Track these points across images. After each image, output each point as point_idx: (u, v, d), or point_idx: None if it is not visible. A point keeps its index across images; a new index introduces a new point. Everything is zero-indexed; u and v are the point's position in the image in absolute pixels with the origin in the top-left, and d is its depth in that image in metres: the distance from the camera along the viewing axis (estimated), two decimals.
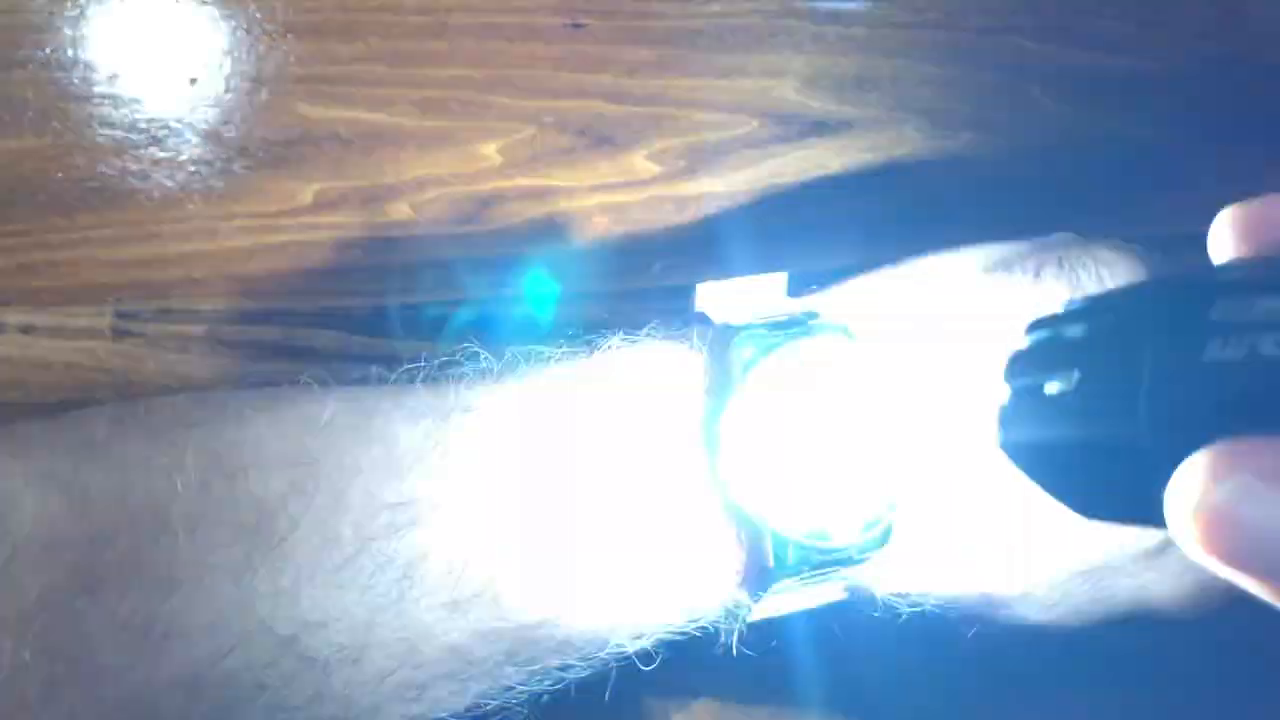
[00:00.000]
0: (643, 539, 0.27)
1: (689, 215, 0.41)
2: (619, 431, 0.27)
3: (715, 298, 0.30)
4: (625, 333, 0.29)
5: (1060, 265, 0.30)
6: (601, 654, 0.28)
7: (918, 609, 0.31)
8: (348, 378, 0.28)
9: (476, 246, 0.40)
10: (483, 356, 0.29)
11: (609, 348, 0.29)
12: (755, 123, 0.41)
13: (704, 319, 0.30)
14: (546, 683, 0.28)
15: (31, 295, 0.37)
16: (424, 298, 0.39)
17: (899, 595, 0.30)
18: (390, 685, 0.25)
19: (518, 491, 0.26)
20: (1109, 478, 0.18)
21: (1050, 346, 0.19)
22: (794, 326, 0.28)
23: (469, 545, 0.25)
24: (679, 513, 0.27)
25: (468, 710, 0.28)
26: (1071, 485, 0.19)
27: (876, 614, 0.31)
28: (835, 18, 0.42)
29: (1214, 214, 0.30)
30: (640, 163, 0.41)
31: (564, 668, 0.28)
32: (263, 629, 0.24)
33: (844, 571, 0.28)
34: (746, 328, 0.28)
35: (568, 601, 0.26)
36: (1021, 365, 0.20)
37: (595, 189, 0.40)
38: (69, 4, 0.38)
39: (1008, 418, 0.20)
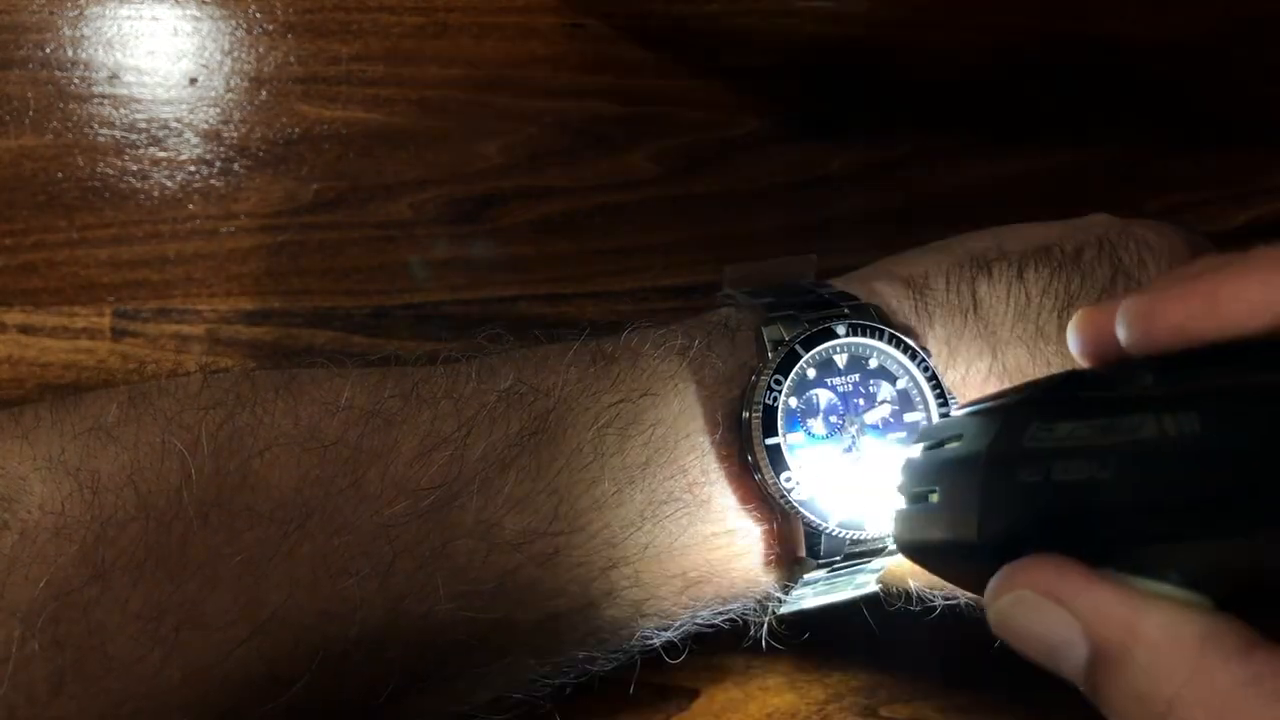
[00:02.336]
0: (671, 527, 0.26)
1: (689, 215, 0.41)
2: (648, 416, 0.26)
3: (744, 278, 0.29)
4: (648, 322, 0.29)
5: (1100, 246, 0.30)
6: (628, 646, 0.27)
7: (952, 602, 0.30)
8: (365, 363, 0.27)
9: (476, 246, 0.40)
10: (505, 339, 0.28)
11: (634, 329, 0.28)
12: (755, 123, 0.41)
13: (733, 300, 0.29)
14: (571, 675, 0.27)
15: (31, 295, 0.37)
16: (424, 298, 0.39)
17: (933, 588, 0.30)
18: (410, 676, 0.25)
19: (545, 477, 0.25)
20: (965, 572, 0.21)
21: (929, 461, 0.23)
22: (826, 307, 0.28)
23: (492, 533, 0.24)
24: (708, 501, 0.26)
25: (490, 702, 0.27)
26: (944, 573, 0.23)
27: (912, 607, 0.30)
28: (835, 18, 0.42)
29: (1214, 215, 0.30)
30: (640, 163, 0.41)
31: (589, 660, 0.27)
32: (277, 620, 0.23)
33: (876, 562, 0.27)
34: (778, 309, 0.27)
35: (595, 592, 0.25)
36: (906, 476, 0.23)
37: (595, 189, 0.40)
38: (69, 4, 0.38)
39: (897, 520, 0.23)
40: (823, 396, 0.27)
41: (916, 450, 0.23)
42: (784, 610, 0.29)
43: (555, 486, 0.25)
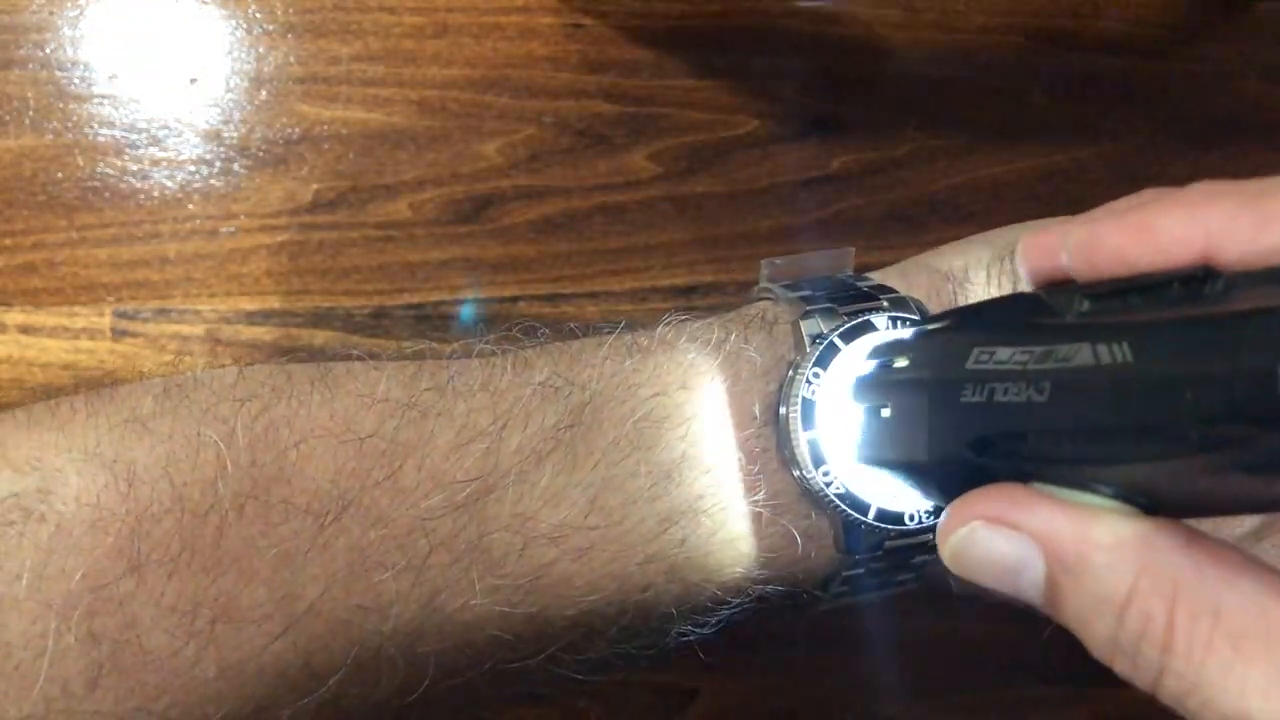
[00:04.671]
0: (708, 523, 0.25)
1: (689, 215, 0.41)
2: (684, 410, 0.26)
3: (781, 272, 0.29)
4: (684, 314, 0.28)
5: None
6: (663, 642, 0.27)
7: (982, 603, 0.30)
8: (400, 356, 0.27)
9: (476, 246, 0.40)
10: (540, 331, 0.28)
11: (669, 322, 0.28)
12: (755, 123, 0.41)
13: (770, 294, 0.29)
14: (605, 670, 0.27)
15: (31, 295, 0.37)
16: (423, 298, 0.39)
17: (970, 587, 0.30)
18: (445, 671, 0.24)
19: (581, 471, 0.25)
20: (920, 486, 0.22)
21: (880, 377, 0.23)
22: (865, 300, 0.27)
23: (527, 527, 0.24)
24: (746, 496, 0.26)
25: (521, 693, 0.27)
26: (903, 484, 0.23)
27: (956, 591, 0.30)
28: (835, 18, 0.42)
29: None
30: (640, 163, 0.41)
31: (624, 656, 0.27)
32: (313, 614, 0.22)
33: (917, 558, 0.27)
34: (816, 302, 0.27)
35: (630, 587, 0.25)
36: (859, 390, 0.24)
37: (595, 189, 0.40)
38: (69, 4, 0.38)
39: (859, 436, 0.24)
40: (862, 389, 0.26)
41: (869, 365, 0.24)
42: (823, 607, 0.28)
43: (591, 480, 0.25)
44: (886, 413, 0.22)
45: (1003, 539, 0.19)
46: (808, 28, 0.42)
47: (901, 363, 0.22)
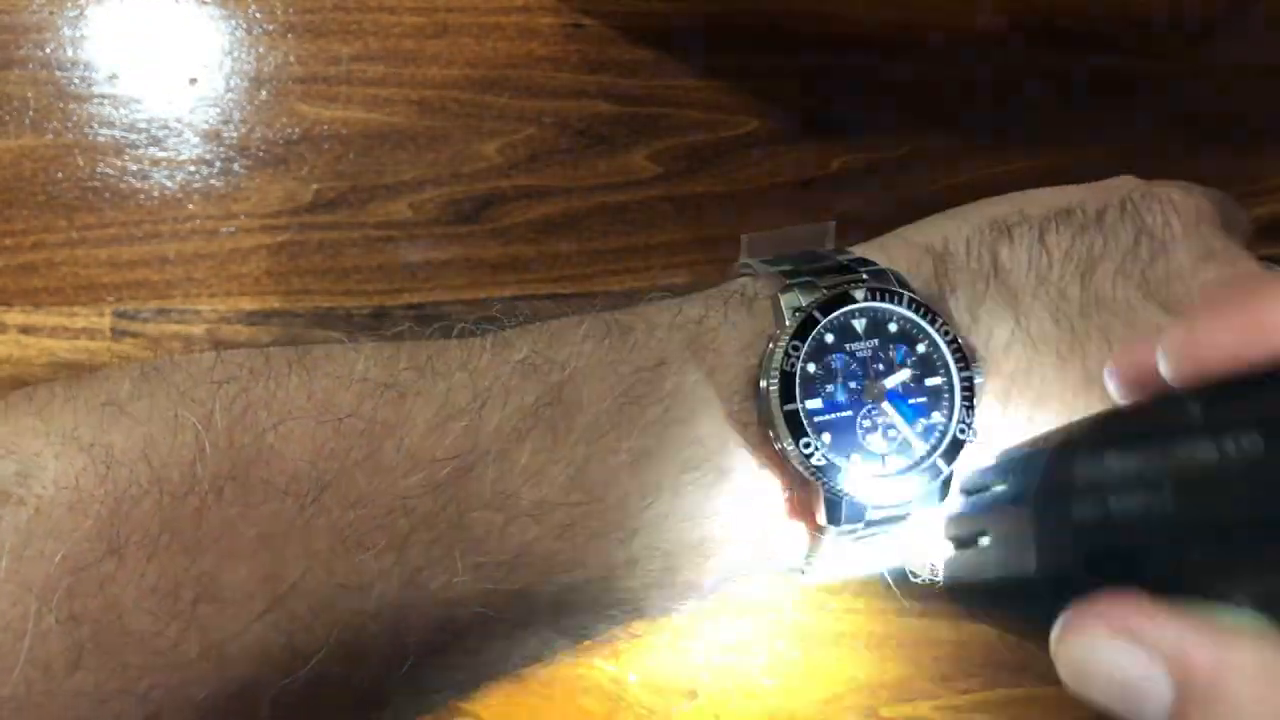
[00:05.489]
0: (691, 498, 0.26)
1: (689, 215, 0.41)
2: (664, 386, 0.26)
3: (762, 246, 0.29)
4: (664, 291, 0.28)
5: (1123, 207, 0.29)
6: (651, 611, 0.27)
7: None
8: (379, 338, 0.27)
9: (476, 246, 0.40)
10: (521, 312, 0.28)
11: (649, 299, 0.28)
12: (755, 123, 0.41)
13: (750, 269, 0.29)
14: (575, 642, 0.27)
15: (31, 295, 0.37)
16: (424, 298, 0.39)
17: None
18: (430, 648, 0.24)
19: (561, 448, 0.25)
20: (1022, 612, 0.21)
21: (976, 505, 0.22)
22: (844, 273, 0.27)
23: (509, 505, 0.24)
24: (728, 471, 0.26)
25: (506, 671, 0.27)
26: (1000, 618, 0.23)
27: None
28: (835, 18, 0.42)
29: None
30: (640, 163, 0.41)
31: (606, 623, 0.27)
32: (295, 593, 0.22)
33: (899, 530, 0.27)
34: (796, 276, 0.27)
35: (614, 562, 0.25)
36: (954, 524, 0.23)
37: (595, 189, 0.40)
38: (69, 4, 0.38)
39: (947, 565, 0.23)
40: (842, 362, 0.26)
41: (959, 500, 0.23)
42: (807, 580, 0.28)
43: (572, 458, 0.25)
44: (985, 541, 0.21)
45: (1128, 655, 0.17)
46: (808, 28, 0.42)
47: (1000, 486, 0.21)
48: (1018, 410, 0.27)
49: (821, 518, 0.26)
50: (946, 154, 0.42)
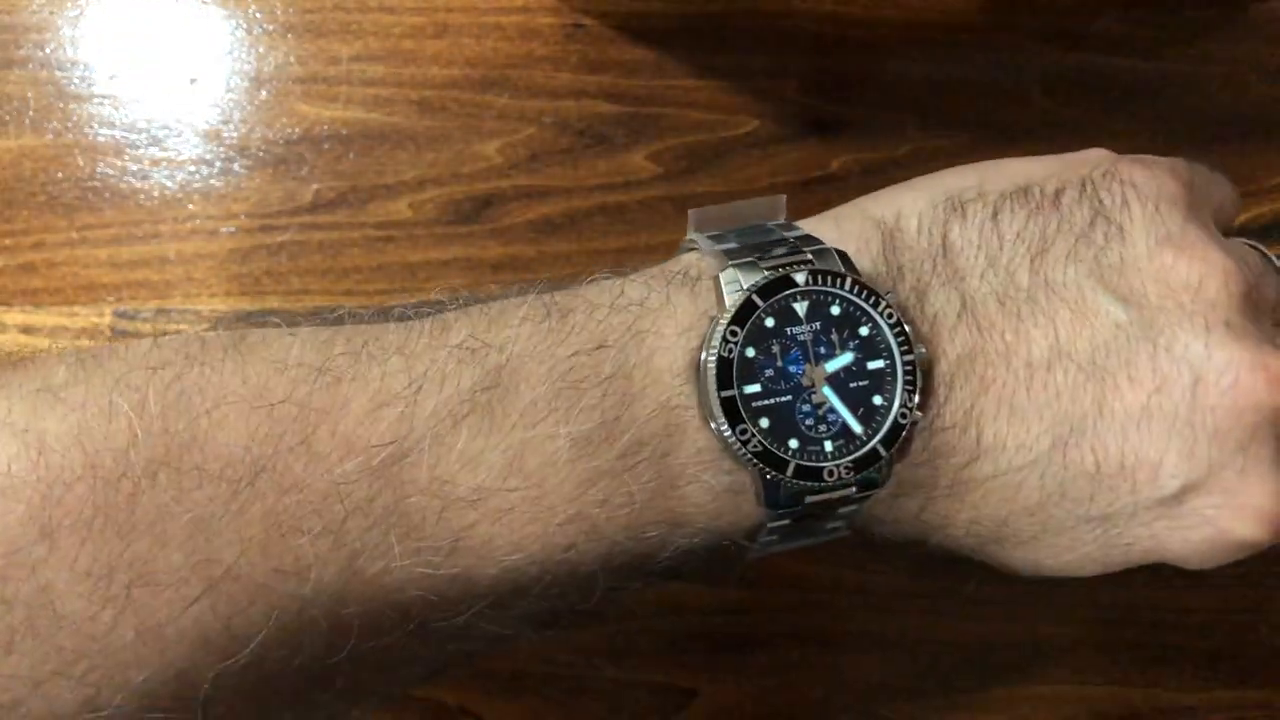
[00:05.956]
0: (630, 481, 0.25)
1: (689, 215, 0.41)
2: (603, 369, 0.26)
3: (708, 221, 0.28)
4: (610, 270, 0.28)
5: (1082, 187, 0.29)
6: (592, 595, 0.27)
7: (917, 546, 0.30)
8: (319, 321, 0.27)
9: (476, 246, 0.40)
10: (462, 297, 0.27)
11: (591, 280, 0.27)
12: (755, 123, 0.41)
13: (696, 245, 0.28)
14: (528, 627, 0.27)
15: (31, 295, 0.37)
16: (424, 298, 0.39)
17: (899, 535, 0.29)
18: (371, 631, 0.24)
19: (498, 433, 0.25)
20: None
21: None
22: (789, 253, 0.27)
23: (445, 490, 0.24)
24: (668, 454, 0.26)
25: (464, 657, 0.27)
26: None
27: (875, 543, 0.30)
28: (835, 18, 0.42)
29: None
30: (640, 163, 0.41)
31: (550, 610, 0.27)
32: (230, 577, 0.23)
33: (841, 511, 0.27)
34: (737, 255, 0.27)
35: (553, 546, 0.25)
36: None
37: (595, 189, 0.40)
38: (69, 4, 0.38)
39: None
40: (782, 345, 0.26)
41: None
42: (753, 556, 0.28)
43: (509, 443, 0.25)
44: None
45: None
46: (808, 28, 0.42)
47: None
48: (961, 395, 0.27)
49: (760, 500, 0.26)
50: (946, 154, 0.42)
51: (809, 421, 0.26)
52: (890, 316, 0.26)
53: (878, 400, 0.26)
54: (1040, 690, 0.40)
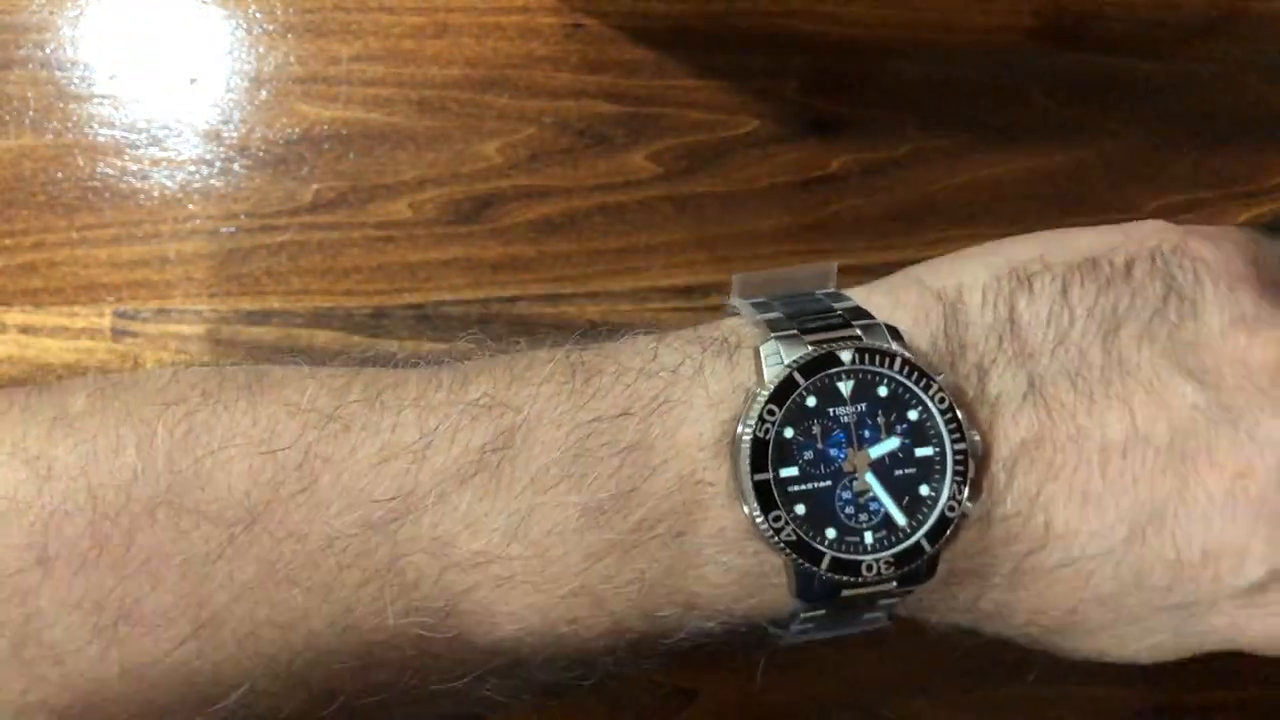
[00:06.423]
0: (642, 558, 0.24)
1: (689, 215, 0.41)
2: (624, 439, 0.24)
3: (752, 288, 0.27)
4: (646, 329, 0.27)
5: (1152, 260, 0.27)
6: (596, 671, 0.26)
7: (972, 635, 0.28)
8: (355, 360, 0.26)
9: (476, 246, 0.40)
10: (486, 345, 0.26)
11: (626, 337, 0.26)
12: (755, 123, 0.41)
13: (738, 311, 0.27)
14: (530, 695, 0.26)
15: (31, 295, 0.37)
16: (423, 298, 0.39)
17: (950, 624, 0.28)
18: (365, 688, 0.24)
19: (505, 497, 0.24)
20: None
21: None
22: (835, 328, 0.25)
23: (446, 552, 0.23)
24: (684, 533, 0.24)
25: (462, 715, 0.26)
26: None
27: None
28: (835, 18, 0.42)
29: (1214, 215, 0.30)
30: (640, 163, 0.41)
31: (553, 682, 0.26)
32: (218, 623, 0.22)
33: (882, 603, 0.25)
34: (780, 328, 0.25)
35: (554, 618, 0.24)
36: None
37: (595, 189, 0.40)
38: (69, 4, 0.38)
39: None
40: (823, 427, 0.24)
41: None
42: (785, 644, 0.27)
43: (516, 508, 0.24)
44: None
45: None
46: (808, 28, 0.42)
47: None
48: (1026, 481, 0.25)
49: (792, 591, 0.24)
50: (946, 154, 0.42)
51: (849, 510, 0.24)
52: (942, 401, 0.24)
53: (924, 490, 0.24)
54: (1041, 690, 0.40)
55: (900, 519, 0.24)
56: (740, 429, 0.24)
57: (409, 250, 0.39)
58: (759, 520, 0.23)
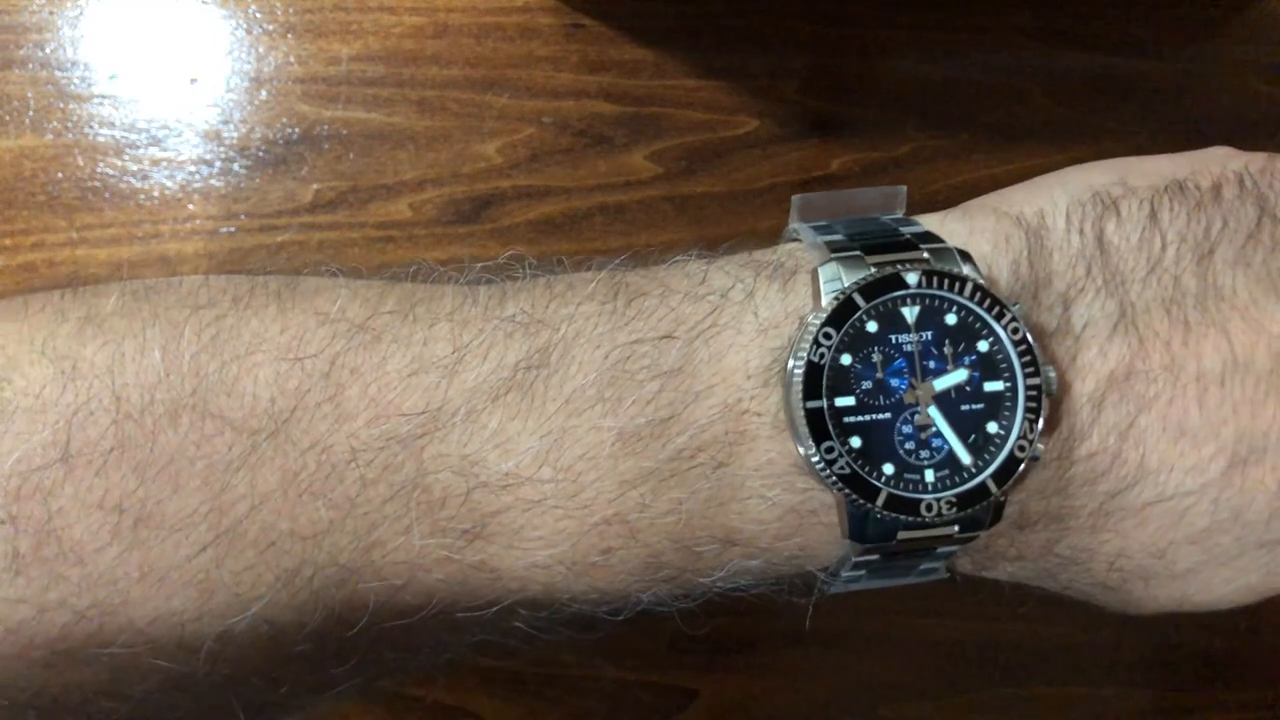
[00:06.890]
0: (679, 489, 0.23)
1: (689, 215, 0.41)
2: (665, 362, 0.23)
3: (814, 209, 0.25)
4: (700, 252, 0.25)
5: (1240, 183, 0.26)
6: (631, 607, 0.24)
7: (1040, 587, 0.26)
8: (391, 275, 0.25)
9: (476, 246, 0.40)
10: (528, 263, 0.25)
11: (676, 261, 0.25)
12: (755, 123, 0.41)
13: (798, 235, 0.25)
14: (564, 629, 0.25)
15: None
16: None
17: (1016, 576, 0.26)
18: (389, 610, 0.23)
19: (537, 417, 0.23)
20: None
21: None
22: (902, 249, 0.23)
23: (474, 471, 0.22)
24: (727, 463, 0.23)
25: (477, 648, 0.25)
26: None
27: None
28: (835, 18, 0.42)
29: None
30: (640, 163, 0.41)
31: (584, 615, 0.24)
32: (239, 532, 0.22)
33: (940, 550, 0.23)
34: (842, 249, 0.23)
35: (586, 547, 0.23)
36: None
37: (595, 189, 0.40)
38: (69, 4, 0.38)
39: None
40: (884, 355, 0.23)
41: None
42: (833, 591, 0.25)
43: (548, 429, 0.23)
44: None
45: None
46: (808, 28, 0.42)
47: None
48: (1115, 415, 0.23)
49: (844, 532, 0.23)
50: (946, 154, 0.42)
51: (909, 445, 0.22)
52: (1015, 331, 0.23)
53: (992, 428, 0.23)
54: (1042, 691, 0.40)
55: (965, 457, 0.22)
56: (793, 355, 0.22)
57: (409, 250, 0.39)
58: (810, 452, 0.22)
